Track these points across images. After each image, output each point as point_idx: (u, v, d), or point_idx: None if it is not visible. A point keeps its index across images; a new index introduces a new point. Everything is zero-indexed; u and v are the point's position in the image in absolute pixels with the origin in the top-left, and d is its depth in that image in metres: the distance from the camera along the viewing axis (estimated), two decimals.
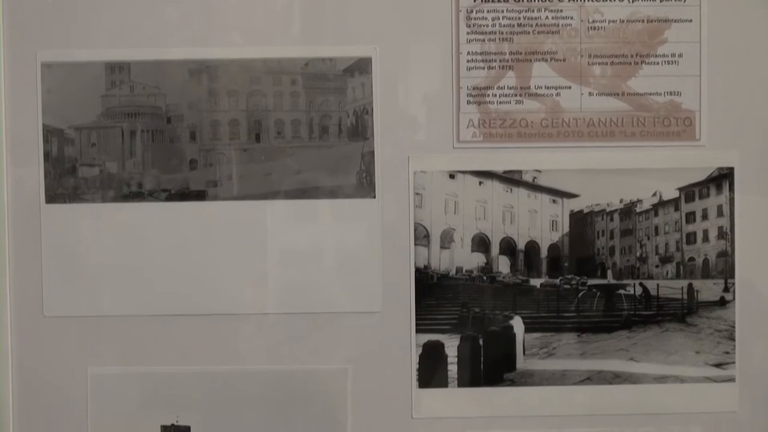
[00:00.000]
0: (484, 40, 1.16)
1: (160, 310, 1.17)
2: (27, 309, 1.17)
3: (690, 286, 1.20)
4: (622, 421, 1.19)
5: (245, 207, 1.17)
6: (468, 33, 1.16)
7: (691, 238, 1.21)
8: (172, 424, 1.18)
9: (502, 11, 1.16)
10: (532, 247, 1.21)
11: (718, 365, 1.19)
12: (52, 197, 1.17)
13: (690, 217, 1.20)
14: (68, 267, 1.17)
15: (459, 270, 1.20)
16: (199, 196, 1.18)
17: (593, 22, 1.17)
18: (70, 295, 1.17)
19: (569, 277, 1.20)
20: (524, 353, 1.19)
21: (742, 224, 1.19)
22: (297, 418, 1.17)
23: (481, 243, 1.20)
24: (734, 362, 1.19)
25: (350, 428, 1.17)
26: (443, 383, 1.18)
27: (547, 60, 1.17)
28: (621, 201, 1.20)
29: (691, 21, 1.17)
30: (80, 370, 1.17)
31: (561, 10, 1.16)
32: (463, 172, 1.18)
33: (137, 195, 1.18)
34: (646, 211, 1.20)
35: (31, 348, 1.18)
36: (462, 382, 1.18)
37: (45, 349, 1.18)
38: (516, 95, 1.17)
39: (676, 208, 1.20)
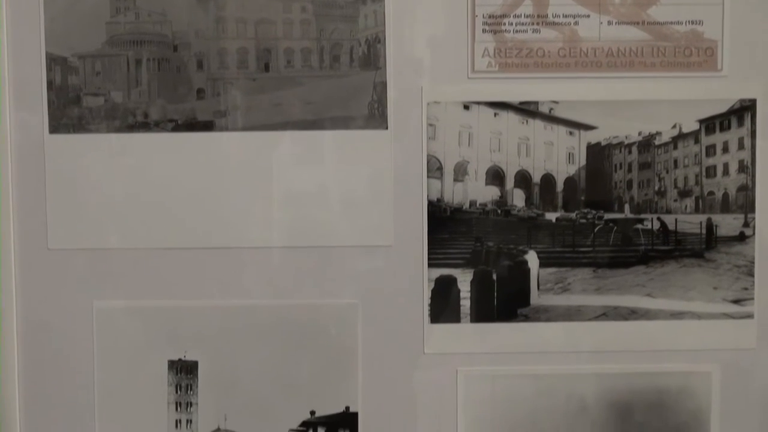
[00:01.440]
0: None
1: (166, 243, 1.15)
2: (31, 241, 1.15)
3: (709, 220, 1.18)
4: (638, 358, 1.17)
5: (254, 138, 1.14)
6: None
7: (710, 172, 1.18)
8: (180, 359, 1.16)
9: None
10: (547, 180, 1.18)
11: (737, 301, 1.17)
12: (56, 127, 1.14)
13: (710, 150, 1.17)
14: (73, 198, 1.14)
15: (473, 203, 1.17)
16: (207, 126, 1.15)
17: None
18: (74, 228, 1.15)
19: (585, 211, 1.17)
20: (539, 288, 1.17)
21: (763, 158, 1.17)
22: (306, 353, 1.15)
23: (495, 176, 1.18)
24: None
25: (361, 364, 1.15)
26: (456, 318, 1.16)
27: None
28: (639, 133, 1.17)
29: None
30: (86, 303, 1.15)
31: None
32: (478, 103, 1.15)
33: (143, 125, 1.15)
34: (665, 144, 1.17)
35: (36, 281, 1.15)
36: (475, 318, 1.16)
37: (49, 282, 1.15)
38: (533, 24, 1.14)
39: (696, 141, 1.17)
